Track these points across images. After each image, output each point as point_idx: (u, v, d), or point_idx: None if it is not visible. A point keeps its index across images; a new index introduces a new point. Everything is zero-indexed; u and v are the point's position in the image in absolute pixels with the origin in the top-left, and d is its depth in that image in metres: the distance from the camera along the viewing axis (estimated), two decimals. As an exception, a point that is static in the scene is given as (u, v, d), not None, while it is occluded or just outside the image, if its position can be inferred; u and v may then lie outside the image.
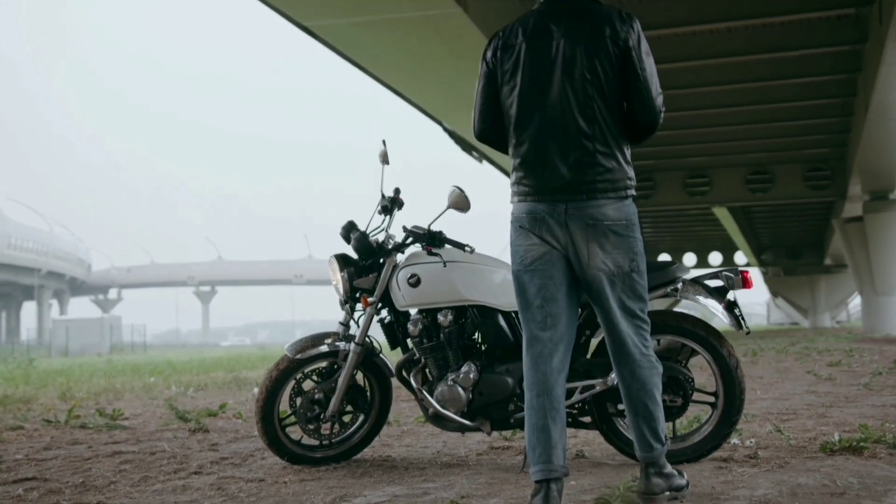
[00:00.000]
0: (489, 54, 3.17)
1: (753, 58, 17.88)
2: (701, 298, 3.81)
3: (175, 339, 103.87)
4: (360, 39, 13.99)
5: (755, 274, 57.24)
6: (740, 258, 50.36)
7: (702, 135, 24.17)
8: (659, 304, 4.54)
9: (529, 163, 3.06)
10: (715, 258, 48.63)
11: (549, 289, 3.05)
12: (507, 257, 3.39)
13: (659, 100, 3.07)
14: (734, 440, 4.34)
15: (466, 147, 24.38)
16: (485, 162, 26.06)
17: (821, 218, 37.34)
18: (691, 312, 4.39)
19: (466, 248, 3.92)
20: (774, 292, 65.64)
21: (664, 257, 39.45)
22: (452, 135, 23.43)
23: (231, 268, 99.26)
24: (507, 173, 25.54)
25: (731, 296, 3.80)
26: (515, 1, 14.26)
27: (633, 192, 3.09)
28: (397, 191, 4.17)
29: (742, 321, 3.78)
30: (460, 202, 3.80)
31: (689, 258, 47.47)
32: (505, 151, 3.25)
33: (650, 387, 3.12)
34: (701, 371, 4.73)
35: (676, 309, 4.25)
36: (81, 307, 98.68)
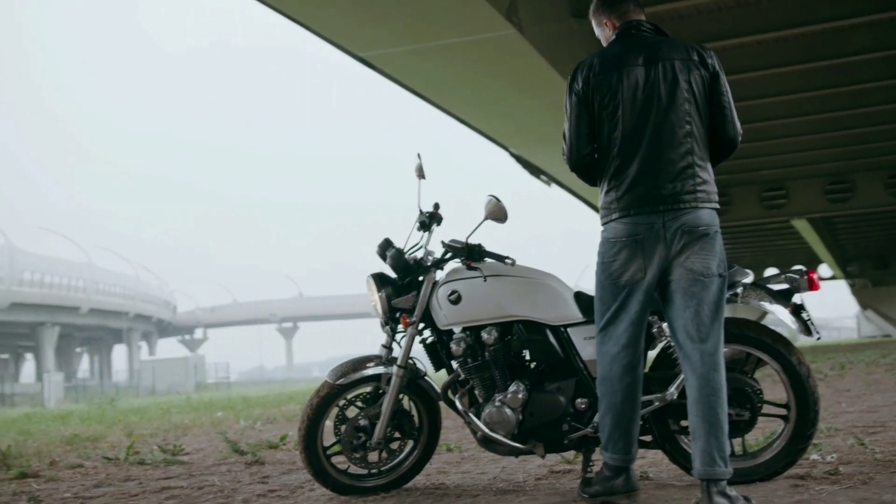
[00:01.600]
0: (579, 84, 3.34)
1: (823, 64, 17.34)
2: (765, 303, 3.53)
3: (260, 376, 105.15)
4: (416, 67, 13.96)
5: (842, 287, 55.31)
6: (825, 271, 48.84)
7: (776, 146, 23.53)
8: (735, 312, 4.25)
9: (634, 181, 3.25)
10: (797, 272, 47.12)
11: (632, 308, 3.29)
12: (588, 276, 3.50)
13: (738, 123, 3.38)
14: (813, 456, 4.03)
15: (535, 171, 24.15)
16: (554, 185, 25.78)
17: (908, 226, 36.03)
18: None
19: (507, 261, 3.71)
20: (864, 304, 63.41)
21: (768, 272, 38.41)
22: (519, 159, 23.23)
23: (312, 303, 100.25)
24: (575, 194, 25.15)
25: (797, 299, 3.51)
26: (570, 22, 14.06)
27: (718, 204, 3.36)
28: (436, 206, 3.99)
29: (811, 326, 3.48)
30: (497, 212, 3.61)
31: (771, 273, 46.13)
32: (594, 181, 3.44)
33: (722, 394, 3.14)
34: (772, 385, 4.41)
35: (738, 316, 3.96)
36: (169, 348, 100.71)
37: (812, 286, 3.51)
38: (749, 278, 3.59)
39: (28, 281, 61.57)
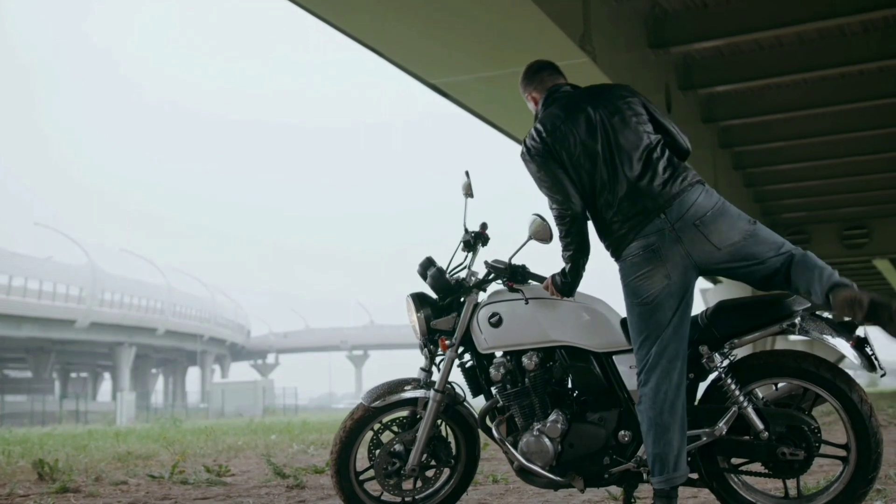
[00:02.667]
0: (539, 149, 3.47)
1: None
2: (825, 335, 3.29)
3: (329, 402, 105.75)
4: (488, 94, 13.84)
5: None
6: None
7: (857, 183, 22.79)
8: (774, 343, 4.01)
9: (628, 203, 3.37)
10: (881, 315, 45.58)
11: (662, 322, 3.30)
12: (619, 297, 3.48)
13: (686, 136, 3.68)
14: (876, 502, 3.75)
15: None
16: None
17: None
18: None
19: None
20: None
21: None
22: None
23: (383, 332, 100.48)
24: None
25: (860, 331, 3.27)
26: (646, 52, 13.85)
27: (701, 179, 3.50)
28: (484, 226, 3.86)
29: (875, 361, 3.23)
30: (542, 232, 3.47)
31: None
32: (583, 229, 3.51)
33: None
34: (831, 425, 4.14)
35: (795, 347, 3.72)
36: (242, 371, 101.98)
37: (876, 318, 3.27)
38: (807, 307, 3.36)
39: (108, 301, 63.04)
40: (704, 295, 26.35)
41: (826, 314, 3.35)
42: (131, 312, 65.50)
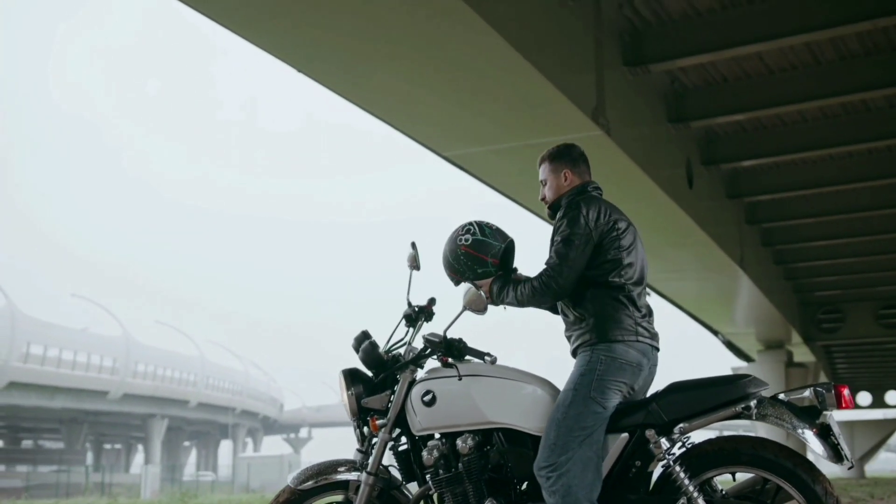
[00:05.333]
0: (593, 220, 3.53)
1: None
2: (784, 422, 2.97)
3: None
4: (500, 167, 13.71)
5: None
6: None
7: (893, 261, 22.24)
8: (730, 429, 3.68)
9: (646, 311, 3.54)
10: (921, 397, 44.14)
11: (602, 429, 3.32)
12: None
13: None
14: None
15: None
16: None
17: None
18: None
19: (486, 358, 3.27)
20: None
21: (864, 396, 36.09)
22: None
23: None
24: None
25: (824, 418, 2.95)
26: (666, 126, 13.68)
27: None
28: (431, 301, 3.61)
29: (842, 451, 2.91)
30: (476, 302, 3.22)
31: (893, 396, 43.32)
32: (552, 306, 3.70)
33: None
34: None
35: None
36: (275, 445, 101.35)
37: (841, 403, 2.95)
38: (766, 390, 3.05)
39: (141, 373, 63.25)
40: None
41: (786, 397, 3.04)
42: (164, 384, 65.60)
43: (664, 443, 3.09)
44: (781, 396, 3.05)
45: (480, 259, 3.54)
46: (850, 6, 10.48)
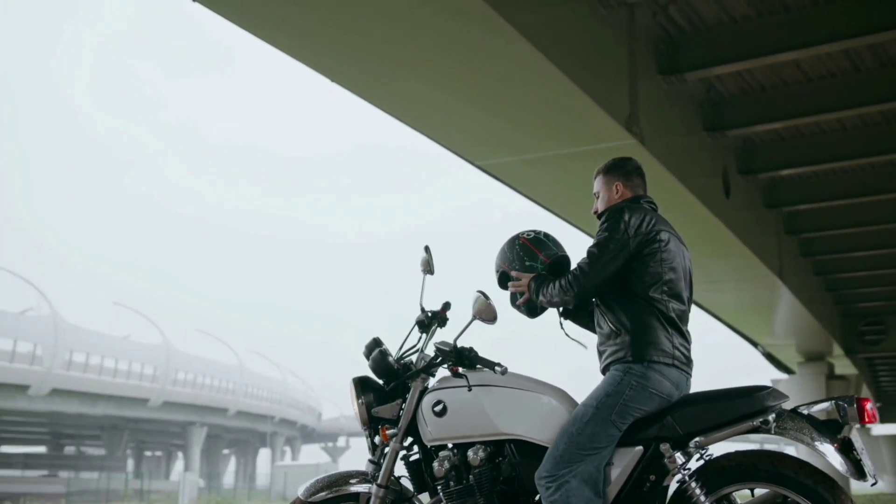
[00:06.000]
0: (642, 227, 3.49)
1: None
2: (805, 436, 2.87)
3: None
4: (533, 176, 13.62)
5: None
6: None
7: (939, 271, 21.79)
8: (748, 443, 3.58)
9: (687, 335, 3.46)
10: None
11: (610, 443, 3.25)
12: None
13: None
14: None
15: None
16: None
17: None
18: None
19: (497, 368, 3.21)
20: None
21: (907, 412, 35.39)
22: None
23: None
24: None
25: (846, 433, 2.85)
26: (702, 135, 13.52)
27: None
28: (446, 306, 3.55)
29: (864, 467, 2.80)
30: (486, 311, 3.16)
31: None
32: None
33: None
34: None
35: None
36: (313, 454, 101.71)
37: (864, 417, 2.85)
38: (786, 402, 2.95)
39: (181, 381, 63.81)
40: (777, 385, 25.35)
41: (806, 410, 2.94)
42: (203, 392, 66.11)
43: (679, 457, 3.01)
44: (802, 409, 2.96)
45: (533, 253, 3.58)
46: (891, 12, 10.28)
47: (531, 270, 3.55)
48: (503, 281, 3.61)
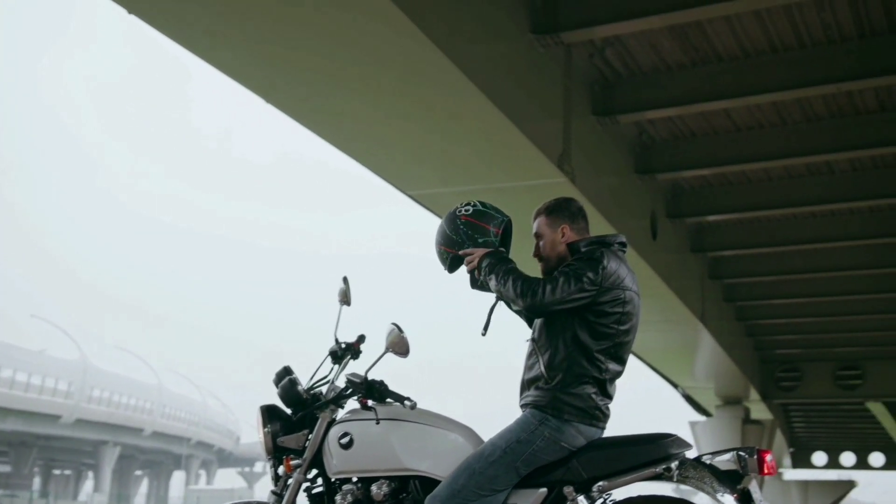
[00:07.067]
0: (615, 280, 3.39)
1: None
2: (706, 485, 2.88)
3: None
4: (465, 208, 13.66)
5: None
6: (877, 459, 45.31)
7: (852, 323, 22.31)
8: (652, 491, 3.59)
9: (608, 392, 3.36)
10: (876, 459, 43.88)
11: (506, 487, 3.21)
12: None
13: None
14: None
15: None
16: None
17: None
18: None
19: (406, 403, 3.16)
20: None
21: (819, 456, 36.16)
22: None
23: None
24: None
25: (746, 483, 2.86)
26: (633, 177, 13.71)
27: None
28: (361, 338, 3.49)
29: (764, 518, 2.82)
30: (399, 345, 3.12)
31: (848, 458, 43.30)
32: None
33: None
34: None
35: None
36: (229, 479, 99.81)
37: (763, 468, 2.86)
38: (688, 451, 2.96)
39: (97, 398, 62.17)
40: (694, 428, 25.65)
41: (709, 460, 2.95)
42: (119, 411, 64.48)
43: (582, 500, 3.00)
44: (705, 458, 2.97)
45: (482, 227, 3.47)
46: (817, 69, 10.58)
47: (486, 246, 3.45)
48: (453, 266, 3.50)
